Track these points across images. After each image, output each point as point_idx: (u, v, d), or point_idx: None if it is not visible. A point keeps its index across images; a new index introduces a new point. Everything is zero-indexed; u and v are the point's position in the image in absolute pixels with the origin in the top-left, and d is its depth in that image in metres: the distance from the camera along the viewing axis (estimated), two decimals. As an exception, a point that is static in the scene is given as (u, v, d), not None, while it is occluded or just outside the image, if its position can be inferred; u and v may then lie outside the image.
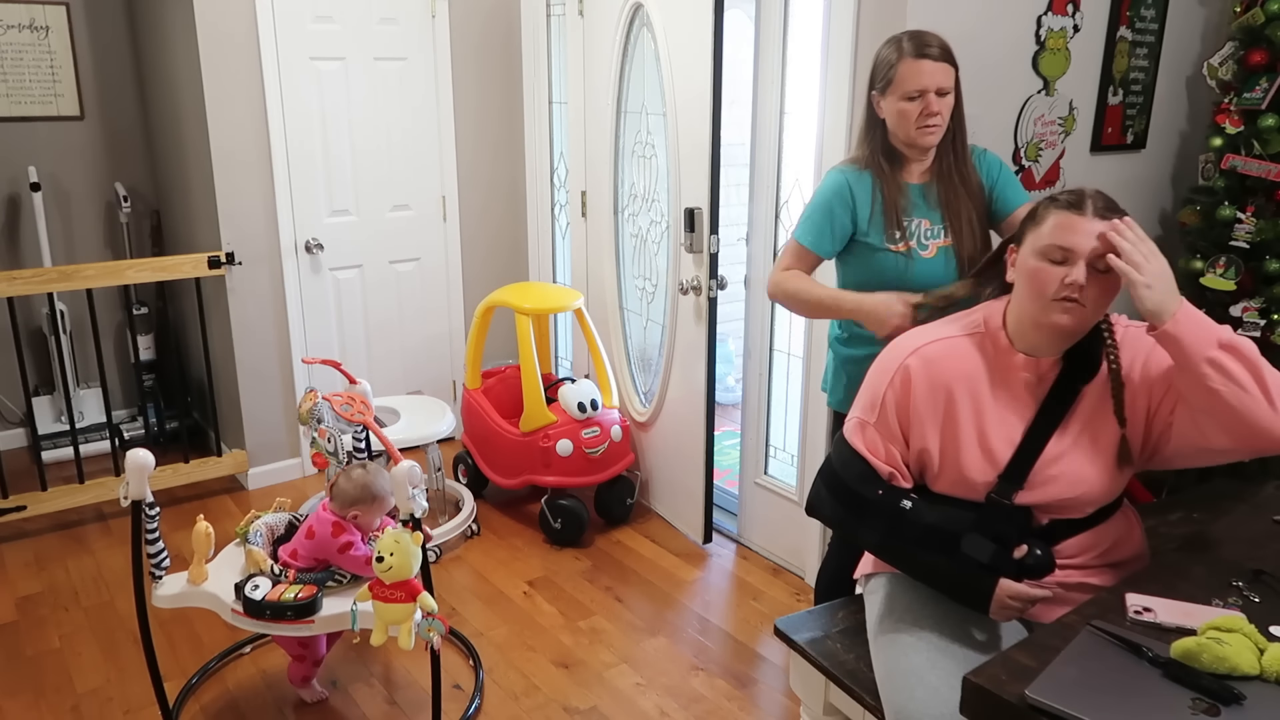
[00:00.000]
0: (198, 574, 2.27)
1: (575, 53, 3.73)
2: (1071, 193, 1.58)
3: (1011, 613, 1.61)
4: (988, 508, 1.65)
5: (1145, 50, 3.08)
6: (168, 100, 4.00)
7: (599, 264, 3.81)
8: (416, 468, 2.08)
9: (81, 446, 3.66)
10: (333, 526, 2.26)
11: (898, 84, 2.03)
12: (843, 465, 1.73)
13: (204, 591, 2.25)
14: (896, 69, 2.02)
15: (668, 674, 2.69)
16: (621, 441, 3.49)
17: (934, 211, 2.12)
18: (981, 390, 1.66)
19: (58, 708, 2.54)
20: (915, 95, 2.01)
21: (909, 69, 2.01)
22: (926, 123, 2.03)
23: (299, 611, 2.14)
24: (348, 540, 2.24)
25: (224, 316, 3.73)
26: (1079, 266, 1.54)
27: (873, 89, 2.10)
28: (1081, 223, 1.53)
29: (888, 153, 2.12)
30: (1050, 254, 1.55)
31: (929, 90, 2.01)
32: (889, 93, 2.05)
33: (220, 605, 2.22)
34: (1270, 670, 1.26)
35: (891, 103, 2.05)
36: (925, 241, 2.12)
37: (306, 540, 2.30)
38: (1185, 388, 1.55)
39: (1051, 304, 1.57)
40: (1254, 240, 2.90)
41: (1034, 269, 1.58)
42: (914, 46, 2.02)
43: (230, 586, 2.23)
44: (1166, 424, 1.62)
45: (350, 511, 2.29)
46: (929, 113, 2.02)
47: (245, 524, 2.37)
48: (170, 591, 2.26)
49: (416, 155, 4.06)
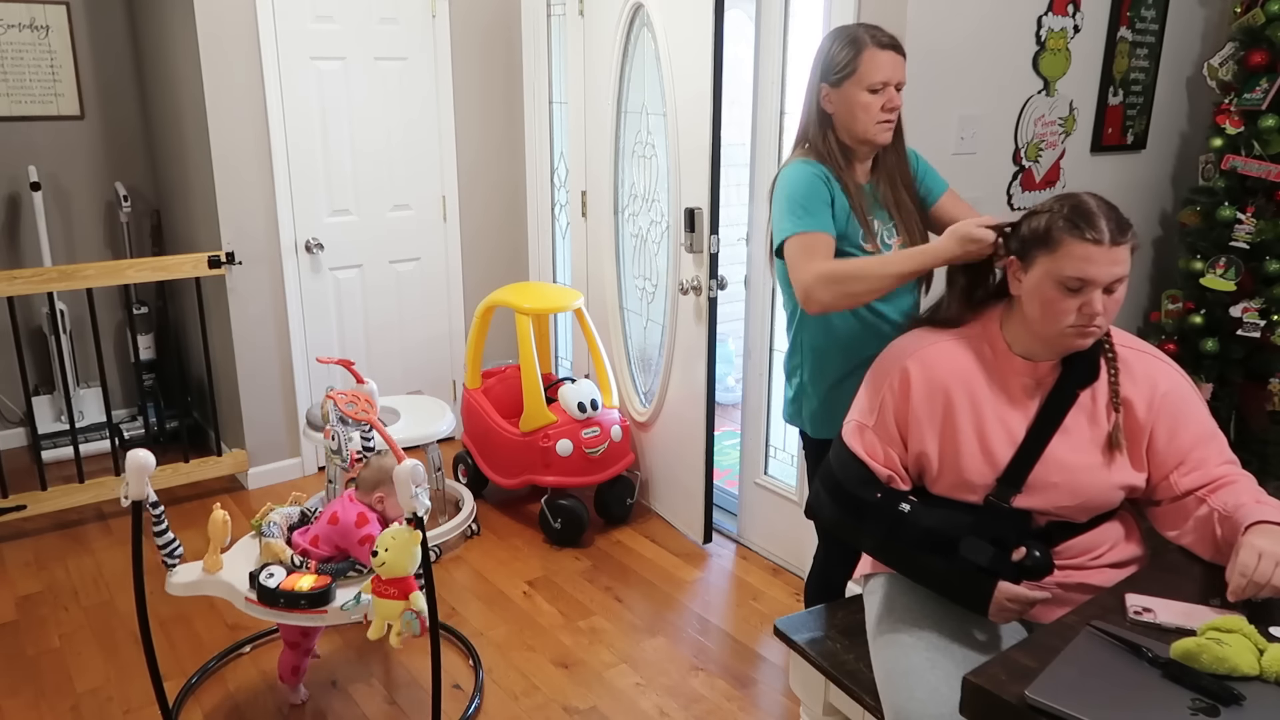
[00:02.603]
0: (213, 563, 2.28)
1: (575, 53, 3.73)
2: (1080, 211, 1.53)
3: (1010, 615, 1.61)
4: (986, 510, 1.65)
5: (1145, 51, 3.08)
6: (168, 100, 4.00)
7: (599, 264, 3.81)
8: (420, 466, 2.09)
9: (81, 446, 3.66)
10: (358, 516, 2.28)
11: (862, 75, 1.92)
12: (841, 468, 1.73)
13: (219, 580, 2.26)
14: (860, 59, 1.92)
15: (668, 674, 2.69)
16: (621, 441, 3.49)
17: (883, 211, 2.05)
18: (980, 393, 1.66)
19: (58, 707, 2.54)
20: (879, 87, 1.93)
21: (871, 59, 1.92)
22: (887, 116, 1.96)
23: (313, 601, 2.14)
24: (369, 534, 2.25)
25: (224, 316, 3.73)
26: (1097, 296, 1.53)
27: (823, 81, 1.98)
28: (1100, 253, 1.51)
29: (841, 149, 2.02)
30: (1068, 284, 1.53)
31: (891, 83, 1.94)
32: (848, 84, 1.94)
33: (234, 594, 2.23)
34: (1270, 671, 1.26)
35: (850, 94, 1.94)
36: (888, 241, 2.04)
37: (329, 526, 2.30)
38: (1214, 543, 1.58)
39: (1068, 330, 1.56)
40: (1254, 241, 2.90)
41: (1050, 298, 1.56)
42: (873, 38, 1.94)
43: (245, 575, 2.24)
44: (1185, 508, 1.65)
45: (376, 494, 2.31)
46: (890, 107, 1.95)
47: (260, 517, 2.38)
48: (185, 579, 2.28)
49: (417, 155, 4.06)
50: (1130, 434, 1.65)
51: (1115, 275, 1.52)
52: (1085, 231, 1.51)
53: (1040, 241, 1.57)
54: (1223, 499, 1.58)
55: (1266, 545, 1.44)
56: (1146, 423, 1.64)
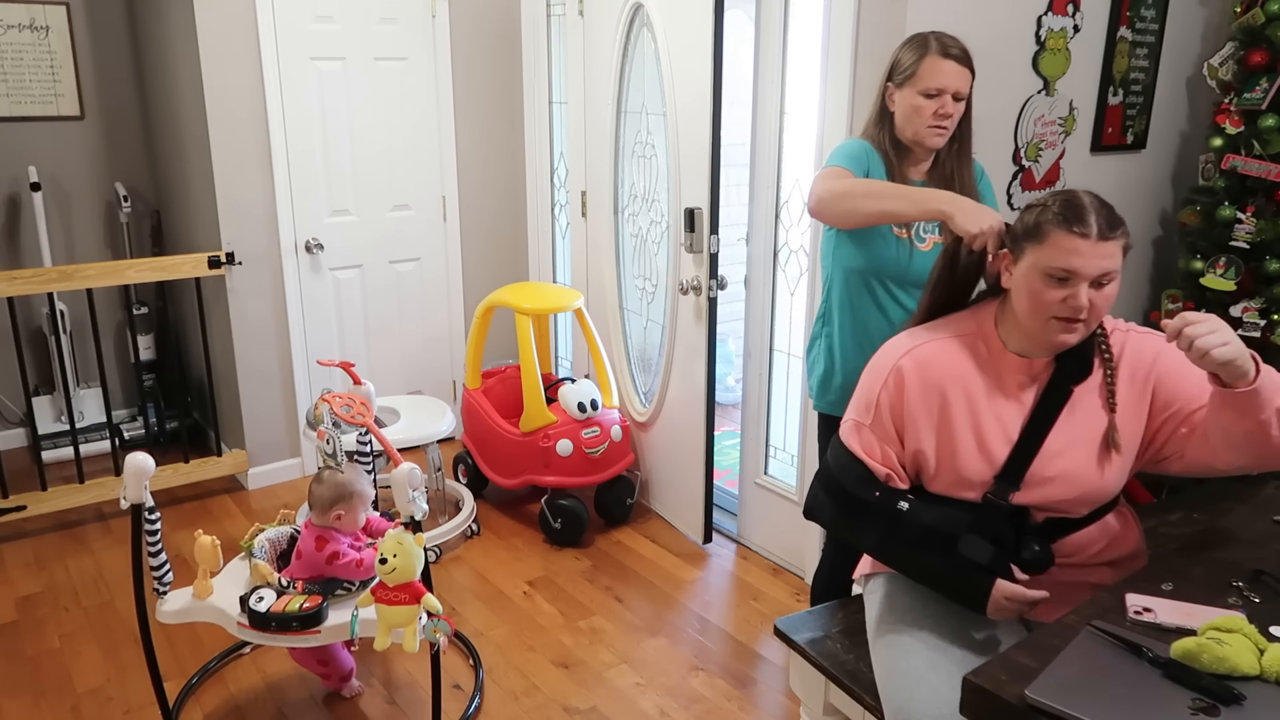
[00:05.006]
0: (203, 589, 2.26)
1: (575, 53, 3.73)
2: (1071, 206, 1.54)
3: (1008, 614, 1.61)
4: (985, 508, 1.65)
5: (1145, 50, 3.08)
6: (168, 100, 4.00)
7: (599, 264, 3.81)
8: (417, 470, 2.08)
9: (81, 446, 3.66)
10: (315, 541, 2.26)
11: (918, 79, 2.03)
12: (839, 468, 1.73)
13: (209, 606, 2.24)
14: (920, 63, 2.03)
15: (668, 674, 2.69)
16: (621, 441, 3.49)
17: None
18: (975, 391, 1.66)
19: (58, 708, 2.54)
20: (934, 93, 2.02)
21: (932, 65, 2.02)
22: (938, 123, 2.04)
23: (304, 622, 2.12)
24: (333, 550, 2.24)
25: (224, 316, 3.73)
26: (1082, 289, 1.53)
27: (889, 80, 2.10)
28: (1086, 245, 1.51)
29: (895, 145, 2.12)
30: (1053, 274, 1.54)
31: (947, 91, 2.02)
32: (906, 85, 2.05)
33: (226, 619, 2.21)
34: (1270, 670, 1.26)
35: (907, 96, 2.05)
36: (923, 235, 2.11)
37: (298, 561, 2.30)
38: (1228, 426, 1.52)
39: (1052, 322, 1.56)
40: (1254, 240, 2.90)
41: (1035, 289, 1.56)
42: (940, 46, 2.03)
43: (235, 600, 2.21)
44: (1178, 449, 1.64)
45: (333, 514, 2.28)
46: (942, 114, 2.03)
47: (249, 538, 2.36)
48: (174, 608, 2.24)
49: (416, 155, 4.06)
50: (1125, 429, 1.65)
51: (1102, 269, 1.53)
52: (1073, 225, 1.52)
53: (1030, 234, 1.58)
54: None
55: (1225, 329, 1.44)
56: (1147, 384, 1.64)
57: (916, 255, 2.10)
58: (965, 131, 2.12)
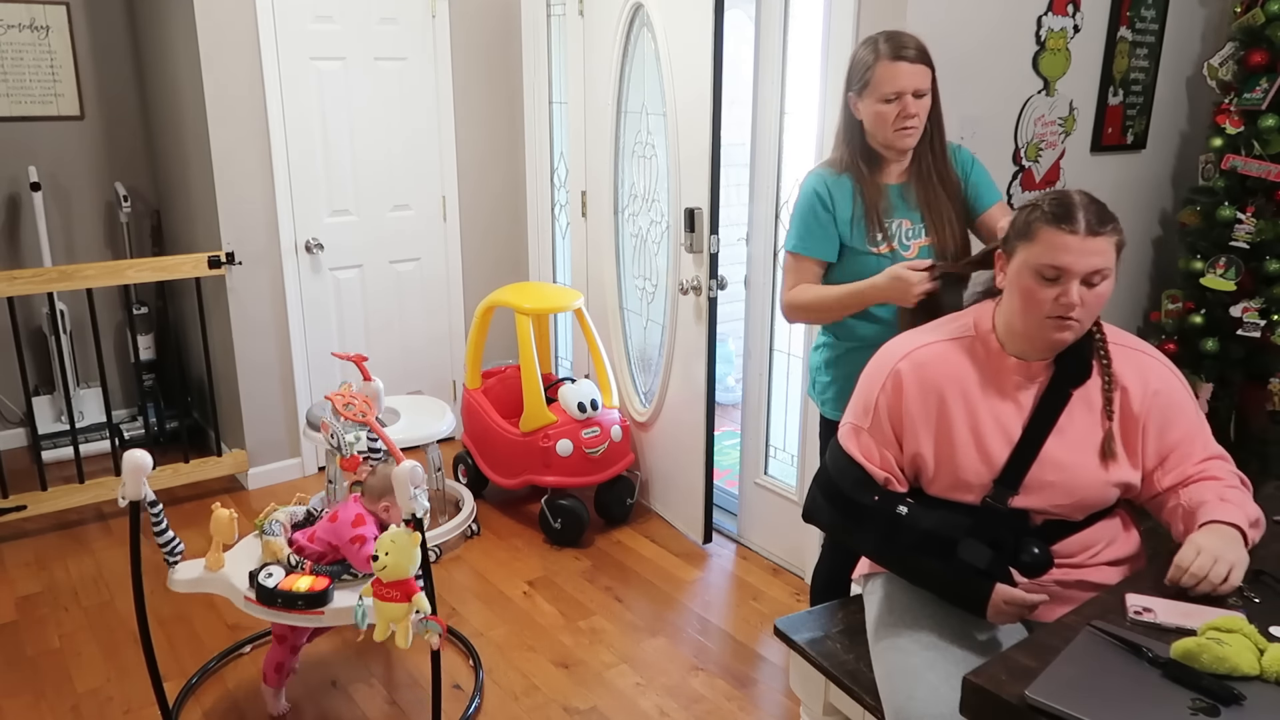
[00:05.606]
0: (215, 561, 2.30)
1: (575, 53, 3.73)
2: (1060, 204, 1.55)
3: (1008, 618, 1.61)
4: (983, 511, 1.65)
5: (1145, 50, 3.08)
6: (168, 100, 4.00)
7: (599, 264, 3.81)
8: (419, 467, 2.08)
9: (81, 446, 3.66)
10: (355, 516, 2.29)
11: (875, 86, 2.00)
12: (838, 471, 1.73)
13: (220, 578, 2.28)
14: (873, 71, 2.00)
15: (668, 674, 2.69)
16: (621, 441, 3.49)
17: (914, 212, 2.10)
18: (974, 393, 1.66)
19: (58, 708, 2.54)
20: (892, 97, 1.99)
21: (886, 71, 1.98)
22: (904, 125, 2.01)
23: (310, 601, 2.15)
24: (361, 534, 2.26)
25: (224, 316, 3.73)
26: (1073, 286, 1.53)
27: (849, 90, 2.08)
28: (1075, 242, 1.51)
29: (866, 154, 2.09)
30: (1043, 272, 1.54)
31: (906, 92, 1.99)
32: (866, 95, 2.02)
33: (234, 592, 2.25)
34: (1270, 670, 1.26)
35: (869, 105, 2.02)
36: (907, 242, 2.09)
37: (329, 523, 2.33)
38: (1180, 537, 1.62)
39: (1045, 321, 1.57)
40: (1254, 240, 2.90)
41: (1027, 287, 1.57)
42: (890, 48, 1.99)
43: (245, 574, 2.25)
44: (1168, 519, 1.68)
45: (382, 503, 2.32)
46: (906, 115, 2.00)
47: (264, 516, 2.39)
48: (187, 576, 2.29)
49: (417, 155, 4.06)
50: (1124, 433, 1.65)
51: (1092, 266, 1.53)
52: (1061, 222, 1.53)
53: (1021, 233, 1.59)
54: (1190, 495, 1.63)
55: (1206, 541, 1.51)
56: (1140, 419, 1.65)
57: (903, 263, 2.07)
58: (936, 123, 2.09)
